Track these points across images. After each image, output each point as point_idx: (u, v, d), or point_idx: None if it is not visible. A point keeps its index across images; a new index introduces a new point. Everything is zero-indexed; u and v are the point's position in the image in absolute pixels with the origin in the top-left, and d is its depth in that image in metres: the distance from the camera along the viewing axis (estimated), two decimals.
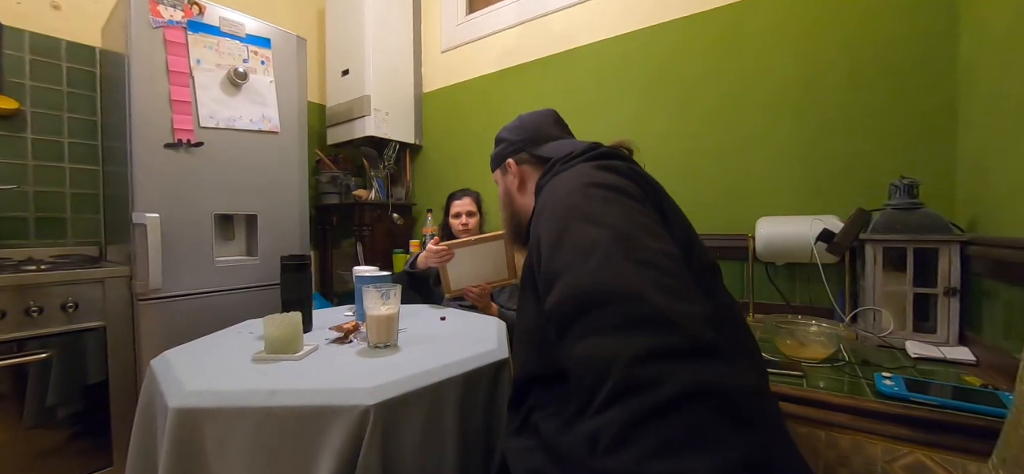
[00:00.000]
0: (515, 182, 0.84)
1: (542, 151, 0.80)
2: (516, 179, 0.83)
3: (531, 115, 0.88)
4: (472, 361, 0.88)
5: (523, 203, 0.83)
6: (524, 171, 0.83)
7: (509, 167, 0.84)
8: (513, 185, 0.84)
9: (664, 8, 1.74)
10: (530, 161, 0.82)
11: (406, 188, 2.51)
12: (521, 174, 0.83)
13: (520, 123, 0.87)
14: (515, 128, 0.87)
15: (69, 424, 1.37)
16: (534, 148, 0.82)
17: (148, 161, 1.49)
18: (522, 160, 0.83)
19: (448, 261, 1.45)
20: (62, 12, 1.76)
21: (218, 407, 0.70)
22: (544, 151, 0.80)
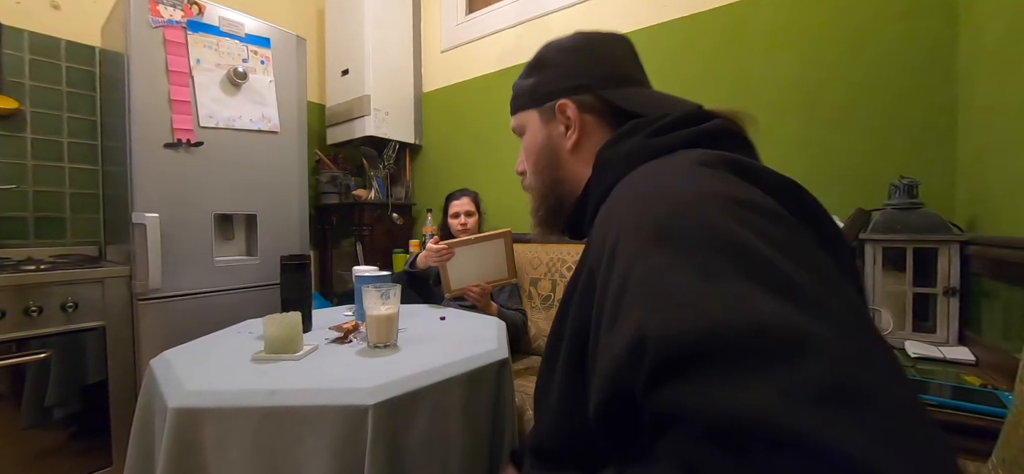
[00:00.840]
0: (569, 136, 0.55)
1: (624, 100, 0.53)
2: (573, 132, 0.54)
3: (600, 37, 0.57)
4: (472, 361, 0.88)
5: (575, 171, 0.55)
6: (587, 123, 0.54)
7: (563, 110, 0.54)
8: (563, 140, 0.55)
9: (664, 8, 1.74)
10: (600, 110, 0.54)
11: (406, 188, 2.50)
12: (582, 126, 0.54)
13: (587, 44, 0.57)
14: (579, 51, 0.56)
15: (68, 424, 1.37)
16: (612, 91, 0.54)
17: (148, 161, 1.49)
18: (587, 106, 0.54)
19: (448, 260, 1.46)
20: (62, 12, 1.75)
21: (218, 407, 0.70)
22: (627, 101, 0.53)
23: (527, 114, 0.60)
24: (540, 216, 0.61)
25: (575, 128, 0.55)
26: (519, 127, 0.62)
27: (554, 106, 0.55)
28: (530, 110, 0.59)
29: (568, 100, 0.54)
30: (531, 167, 0.60)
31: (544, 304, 1.80)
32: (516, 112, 0.62)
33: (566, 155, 0.56)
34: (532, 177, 0.60)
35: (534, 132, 0.59)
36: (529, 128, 0.60)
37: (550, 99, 0.56)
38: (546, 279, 1.82)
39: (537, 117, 0.58)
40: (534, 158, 0.59)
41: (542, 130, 0.58)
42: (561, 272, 1.79)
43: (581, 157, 0.55)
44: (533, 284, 1.85)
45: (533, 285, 1.85)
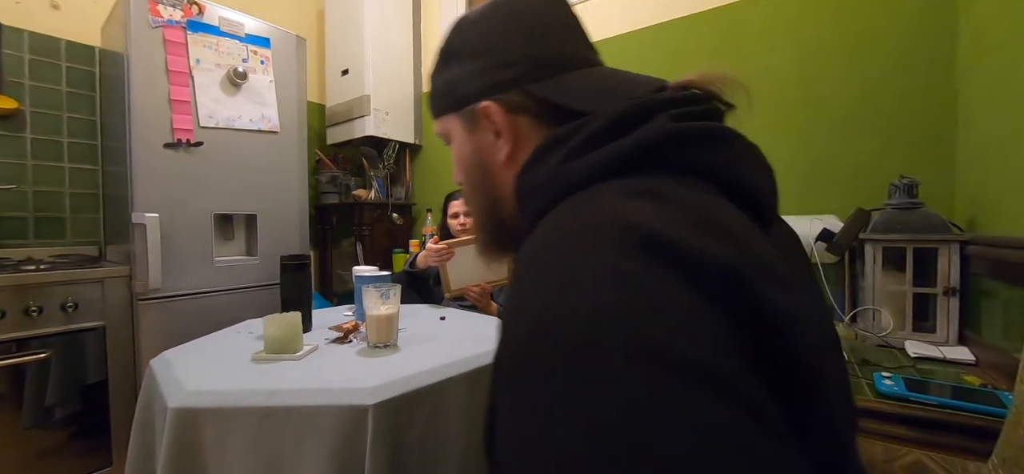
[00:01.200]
0: (500, 146, 0.42)
1: (561, 95, 0.40)
2: (505, 141, 0.42)
3: (521, 3, 0.44)
4: (472, 361, 0.88)
5: (507, 181, 0.43)
6: (521, 127, 0.42)
7: (487, 115, 0.42)
8: (494, 150, 0.43)
9: (665, 8, 1.74)
10: (535, 109, 0.41)
11: (406, 188, 2.50)
12: (515, 132, 0.42)
13: (507, 17, 0.43)
14: (496, 30, 0.43)
15: (68, 424, 1.37)
16: (546, 84, 0.41)
17: (148, 161, 1.49)
18: (517, 106, 0.41)
19: (448, 260, 1.45)
20: (62, 12, 1.75)
21: (218, 407, 0.70)
22: (565, 95, 0.40)
23: (448, 120, 0.47)
24: (482, 239, 0.50)
25: (506, 137, 0.42)
26: (444, 134, 0.49)
27: (475, 110, 0.43)
28: (450, 116, 0.46)
29: (490, 102, 0.41)
30: (465, 182, 0.49)
31: None
32: (437, 116, 0.49)
33: (500, 168, 0.43)
34: (471, 195, 0.49)
35: (460, 142, 0.46)
36: (454, 136, 0.47)
37: (469, 101, 0.43)
38: None
39: (460, 124, 0.45)
40: (465, 172, 0.48)
41: (468, 140, 0.45)
42: None
43: (514, 164, 0.42)
44: None
45: None
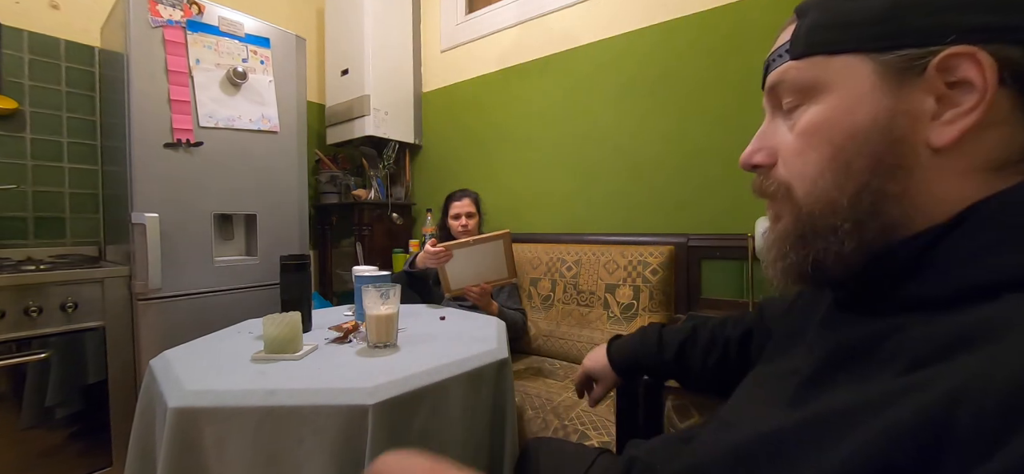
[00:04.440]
0: (952, 120, 0.29)
1: None
2: (972, 112, 0.28)
3: None
4: (472, 361, 0.88)
5: (933, 185, 0.30)
6: (1000, 103, 0.28)
7: (952, 69, 0.29)
8: (928, 125, 0.30)
9: (665, 8, 1.74)
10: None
11: (405, 188, 2.50)
12: (990, 106, 0.28)
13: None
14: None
15: (68, 424, 1.37)
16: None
17: (147, 161, 1.49)
18: (1017, 68, 0.28)
19: (446, 262, 1.46)
20: (61, 12, 1.75)
21: (217, 407, 0.70)
22: None
23: (841, 62, 0.32)
24: (816, 256, 0.34)
25: (978, 105, 0.28)
26: (803, 86, 0.34)
27: (932, 58, 0.29)
28: (854, 55, 0.32)
29: (978, 49, 0.27)
30: (822, 162, 0.33)
31: (544, 304, 1.80)
32: (812, 53, 0.34)
33: (924, 154, 0.30)
34: (819, 182, 0.33)
35: (855, 100, 0.32)
36: (838, 90, 0.32)
37: (925, 41, 0.29)
38: (546, 279, 1.82)
39: (871, 72, 0.31)
40: (837, 146, 0.32)
41: (879, 99, 0.31)
42: (561, 272, 1.79)
43: (956, 164, 0.29)
44: (533, 284, 1.85)
45: (533, 285, 1.85)
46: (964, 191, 0.29)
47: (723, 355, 0.66)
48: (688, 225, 1.66)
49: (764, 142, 0.38)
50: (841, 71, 0.32)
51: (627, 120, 1.82)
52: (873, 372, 0.27)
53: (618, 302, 1.61)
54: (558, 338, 1.70)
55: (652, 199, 1.75)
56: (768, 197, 0.38)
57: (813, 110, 0.34)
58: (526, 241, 1.98)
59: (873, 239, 0.32)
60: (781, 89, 0.36)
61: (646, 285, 1.56)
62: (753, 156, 0.39)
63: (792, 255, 0.35)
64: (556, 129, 2.02)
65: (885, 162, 0.31)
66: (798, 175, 0.35)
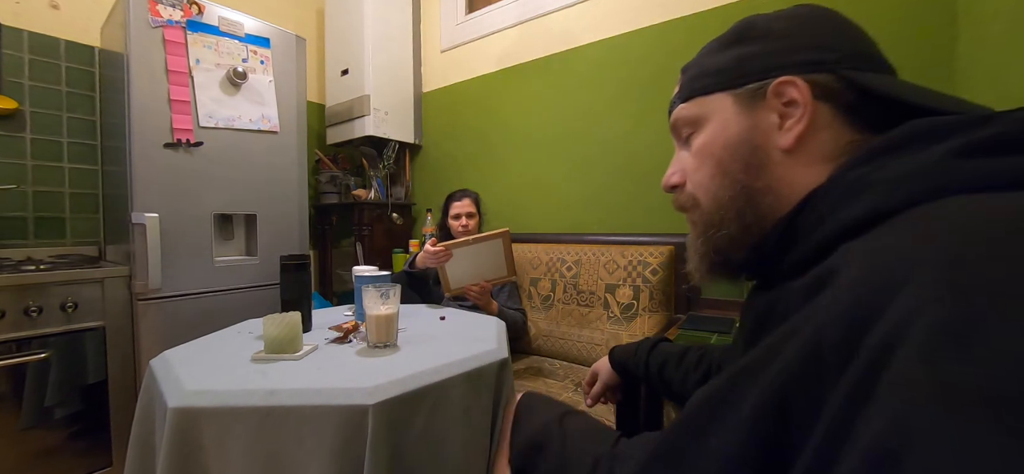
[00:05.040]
0: (788, 128, 0.39)
1: (887, 87, 0.37)
2: (798, 122, 0.39)
3: (829, 10, 0.42)
4: (472, 361, 0.88)
5: (787, 178, 0.40)
6: (820, 113, 0.39)
7: (781, 93, 0.40)
8: (775, 133, 0.40)
9: (665, 8, 1.74)
10: (841, 100, 0.39)
11: (405, 188, 2.51)
12: (813, 115, 0.39)
13: (819, 12, 0.42)
14: (811, 20, 0.42)
15: (68, 424, 1.37)
16: (859, 72, 0.39)
17: (147, 161, 1.49)
18: (823, 90, 0.39)
19: (446, 262, 1.46)
20: (61, 12, 1.75)
21: (217, 407, 0.70)
22: (892, 88, 0.37)
23: (712, 100, 0.44)
24: (715, 244, 0.44)
25: (803, 116, 0.38)
26: (691, 119, 0.46)
27: (767, 87, 0.40)
28: (720, 94, 0.43)
29: (797, 77, 0.39)
30: (710, 172, 0.44)
31: (544, 304, 1.80)
32: (691, 97, 0.46)
33: (777, 155, 0.40)
34: (710, 187, 0.44)
35: (723, 123, 0.43)
36: (713, 119, 0.44)
37: (762, 77, 0.41)
38: (546, 279, 1.82)
39: (732, 103, 0.43)
40: (718, 158, 0.43)
41: (740, 119, 0.42)
42: (561, 272, 1.79)
43: (800, 160, 0.39)
44: (533, 284, 1.85)
45: (533, 285, 1.85)
46: (809, 179, 0.39)
47: (704, 376, 0.70)
48: (688, 226, 1.66)
49: (677, 166, 0.49)
50: (713, 105, 0.44)
51: (627, 120, 1.82)
52: (771, 330, 0.33)
53: (618, 302, 1.61)
54: (558, 338, 1.70)
55: (652, 199, 1.75)
56: (685, 210, 0.48)
57: (701, 135, 0.45)
58: (526, 241, 1.98)
59: (752, 223, 0.42)
60: (678, 125, 0.48)
61: (646, 285, 1.56)
62: (671, 178, 0.49)
63: (702, 248, 0.45)
64: (556, 129, 2.02)
65: (751, 164, 0.41)
66: (699, 186, 0.46)
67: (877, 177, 0.32)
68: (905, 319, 0.22)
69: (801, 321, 0.29)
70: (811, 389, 0.26)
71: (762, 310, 0.40)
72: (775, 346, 0.30)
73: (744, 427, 0.30)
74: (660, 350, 0.80)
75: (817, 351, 0.26)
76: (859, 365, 0.23)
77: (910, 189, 0.30)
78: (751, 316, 0.43)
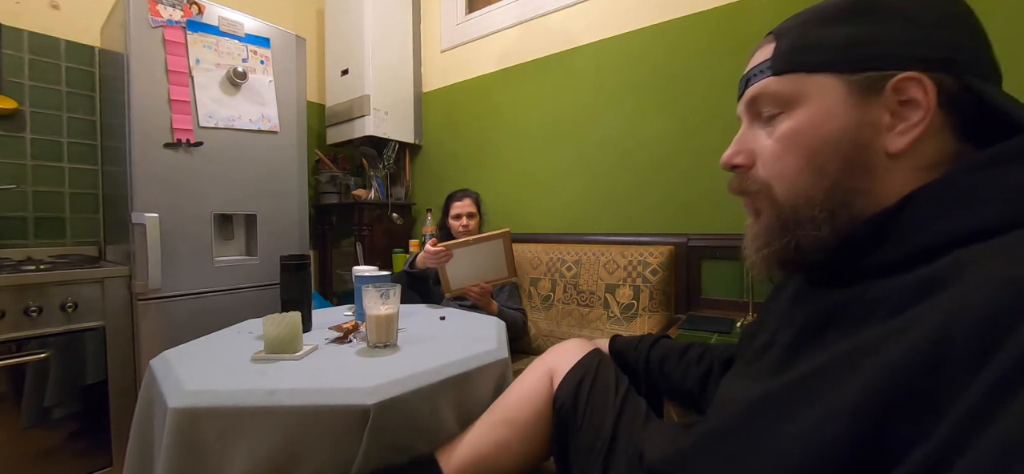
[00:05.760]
0: (903, 131, 0.36)
1: (1002, 101, 0.35)
2: (917, 125, 0.36)
3: (960, 2, 0.38)
4: (472, 361, 0.88)
5: (888, 183, 0.37)
6: (936, 119, 0.36)
7: (903, 90, 0.36)
8: (884, 134, 0.37)
9: (664, 7, 1.74)
10: (960, 107, 0.36)
11: (405, 188, 2.51)
12: (931, 121, 0.36)
13: (956, 7, 0.38)
14: (945, 10, 0.37)
15: (68, 424, 1.37)
16: (985, 82, 0.36)
17: (147, 161, 1.49)
18: (951, 95, 0.36)
19: (446, 262, 1.46)
20: (61, 12, 1.75)
21: (217, 407, 0.69)
22: (1007, 104, 0.35)
23: (816, 81, 0.38)
24: (799, 242, 0.40)
25: (923, 120, 0.35)
26: (784, 97, 0.40)
27: (888, 81, 0.36)
28: (827, 75, 0.38)
29: (923, 76, 0.35)
30: (799, 164, 0.39)
31: (544, 304, 1.80)
32: (791, 70, 0.40)
33: (881, 156, 0.37)
34: (797, 181, 0.39)
35: (826, 111, 0.38)
36: (813, 103, 0.38)
37: (883, 66, 0.36)
38: (546, 279, 1.82)
39: (841, 88, 0.37)
40: (812, 151, 0.39)
41: (848, 111, 0.37)
42: (561, 272, 1.79)
43: (904, 165, 0.36)
44: (533, 284, 1.85)
45: (533, 285, 1.85)
46: (908, 184, 0.36)
47: (706, 372, 0.70)
48: (688, 225, 1.66)
49: (743, 145, 0.44)
50: (817, 87, 0.39)
51: (627, 120, 1.82)
52: (859, 325, 0.33)
53: (618, 302, 1.61)
54: (558, 338, 1.70)
55: (652, 199, 1.75)
56: (747, 195, 0.45)
57: (791, 119, 0.40)
58: (526, 241, 1.98)
59: (843, 225, 0.38)
60: (762, 100, 0.42)
61: (646, 285, 1.56)
62: (734, 158, 0.44)
63: (776, 243, 0.42)
64: (556, 129, 2.02)
65: (853, 164, 0.38)
66: (778, 176, 0.41)
67: (999, 187, 0.31)
68: None
69: (913, 319, 0.29)
70: (933, 382, 0.26)
71: (833, 306, 0.38)
72: (875, 343, 0.30)
73: (844, 417, 0.30)
74: (662, 345, 0.80)
75: (943, 347, 0.26)
76: (1004, 360, 0.23)
77: (1019, 208, 0.30)
78: (807, 310, 0.40)
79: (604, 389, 0.71)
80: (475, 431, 0.76)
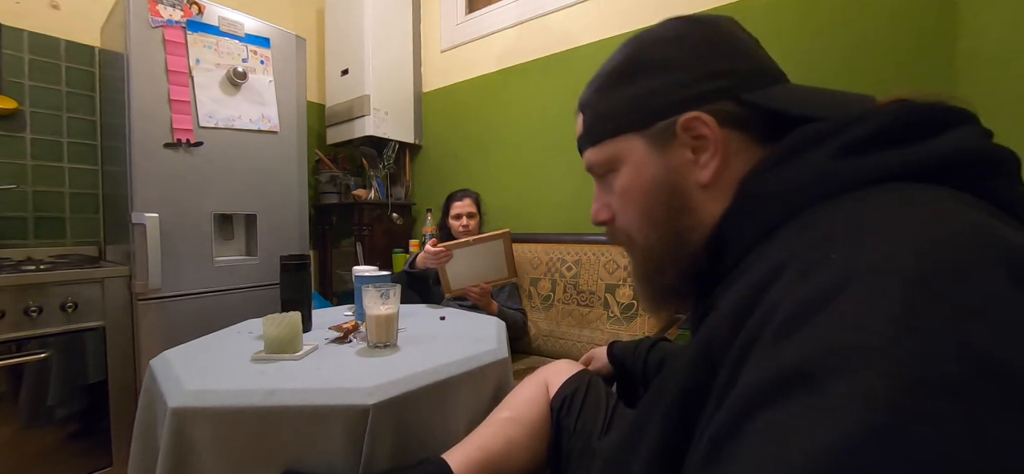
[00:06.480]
0: (705, 164, 0.39)
1: (782, 101, 0.38)
2: (713, 157, 0.38)
3: (711, 19, 0.42)
4: (472, 361, 0.88)
5: (709, 213, 0.39)
6: (731, 142, 0.38)
7: (691, 129, 0.39)
8: (693, 170, 0.39)
9: (664, 8, 1.74)
10: (745, 122, 0.38)
11: (405, 188, 2.50)
12: (725, 145, 0.38)
13: (708, 29, 0.41)
14: (701, 41, 0.40)
15: (68, 424, 1.37)
16: (763, 93, 0.38)
17: (147, 161, 1.49)
18: (729, 118, 0.38)
19: (446, 262, 1.46)
20: (61, 12, 1.75)
21: (217, 407, 0.69)
22: (786, 102, 0.37)
23: (622, 142, 0.42)
24: (657, 285, 0.44)
25: (717, 151, 0.38)
26: (605, 162, 0.44)
27: (676, 124, 0.39)
28: (628, 136, 0.41)
29: (700, 113, 0.38)
30: (637, 216, 0.43)
31: (544, 304, 1.80)
32: (600, 141, 0.44)
33: (697, 192, 0.39)
34: (641, 231, 0.43)
35: (639, 166, 0.41)
36: (629, 161, 0.42)
37: (667, 113, 0.39)
38: (546, 279, 1.82)
39: (642, 144, 0.41)
40: (641, 205, 0.42)
41: (655, 161, 0.40)
42: (561, 272, 1.79)
43: (720, 189, 0.38)
44: (533, 284, 1.85)
45: (533, 285, 1.85)
46: (727, 203, 0.39)
47: None
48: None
49: (602, 201, 0.47)
50: (623, 147, 0.42)
51: None
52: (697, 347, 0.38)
53: (618, 302, 1.61)
54: (558, 338, 1.70)
55: None
56: (621, 245, 0.47)
57: (618, 177, 0.44)
58: (526, 241, 1.98)
59: (685, 261, 0.41)
60: (593, 167, 0.46)
61: None
62: (599, 214, 0.47)
63: (647, 286, 0.45)
64: (556, 129, 2.02)
65: (674, 206, 0.41)
66: (629, 226, 0.44)
67: (765, 192, 0.35)
68: (769, 310, 0.25)
69: (710, 324, 0.32)
70: (712, 361, 0.30)
71: (698, 316, 0.42)
72: (674, 365, 0.36)
73: (657, 420, 0.34)
74: (659, 348, 0.82)
75: (716, 330, 0.30)
76: (754, 321, 0.26)
77: (790, 201, 0.32)
78: (695, 323, 0.46)
79: (594, 404, 0.78)
80: (483, 430, 0.77)
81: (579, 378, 0.83)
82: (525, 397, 0.82)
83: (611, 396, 0.81)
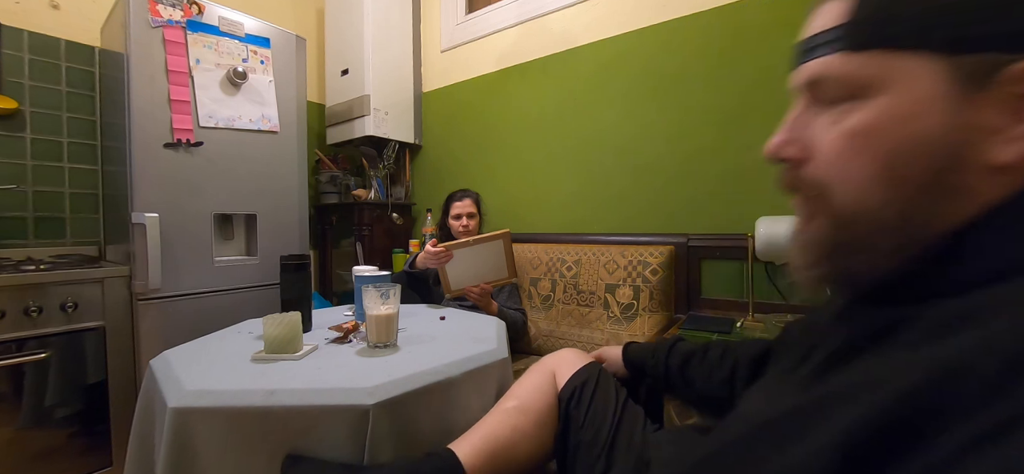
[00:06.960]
0: (1006, 139, 0.27)
1: None
2: (1013, 113, 0.27)
3: None
4: (472, 361, 0.88)
5: (980, 198, 0.28)
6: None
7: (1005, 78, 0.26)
8: (991, 141, 0.27)
9: (664, 8, 1.74)
10: None
11: (405, 188, 2.50)
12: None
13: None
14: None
15: (68, 424, 1.37)
16: None
17: (147, 161, 1.49)
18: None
19: (446, 262, 1.46)
20: (61, 12, 1.75)
21: (217, 407, 0.69)
22: None
23: (903, 61, 0.29)
24: (841, 266, 0.33)
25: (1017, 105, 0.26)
26: (857, 81, 0.30)
27: (1004, 68, 0.26)
28: (920, 55, 0.28)
29: None
30: (870, 169, 0.30)
31: (544, 304, 1.80)
32: (870, 46, 0.30)
33: (981, 173, 0.28)
34: (866, 190, 0.30)
35: (915, 105, 0.28)
36: (901, 89, 0.29)
37: (992, 46, 0.27)
38: (546, 279, 1.82)
39: (939, 77, 0.28)
40: (890, 155, 0.29)
41: (943, 108, 0.28)
42: (561, 272, 1.79)
43: (1009, 180, 0.28)
44: (533, 284, 1.85)
45: (533, 285, 1.85)
46: (997, 199, 0.28)
47: (731, 374, 0.67)
48: (688, 225, 1.66)
49: (796, 133, 0.34)
50: (907, 70, 0.28)
51: (627, 120, 1.81)
52: (884, 353, 0.28)
53: (618, 302, 1.61)
54: (558, 338, 1.70)
55: (652, 199, 1.75)
56: (796, 192, 0.36)
57: (866, 110, 0.30)
58: (526, 241, 1.98)
59: (914, 247, 0.30)
60: (828, 83, 0.32)
61: (646, 285, 1.56)
62: (784, 149, 0.35)
63: (826, 265, 0.34)
64: (556, 129, 2.02)
65: (943, 179, 0.28)
66: (840, 180, 0.31)
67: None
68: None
69: (927, 356, 0.24)
70: (930, 418, 0.22)
71: (871, 328, 0.31)
72: (887, 375, 0.25)
73: (826, 453, 0.25)
74: (679, 348, 0.78)
75: (935, 396, 0.22)
76: (993, 414, 0.20)
77: None
78: (846, 328, 0.34)
79: (605, 396, 0.78)
80: (490, 419, 0.77)
81: (589, 369, 0.82)
82: (532, 386, 0.82)
83: (621, 391, 0.81)
